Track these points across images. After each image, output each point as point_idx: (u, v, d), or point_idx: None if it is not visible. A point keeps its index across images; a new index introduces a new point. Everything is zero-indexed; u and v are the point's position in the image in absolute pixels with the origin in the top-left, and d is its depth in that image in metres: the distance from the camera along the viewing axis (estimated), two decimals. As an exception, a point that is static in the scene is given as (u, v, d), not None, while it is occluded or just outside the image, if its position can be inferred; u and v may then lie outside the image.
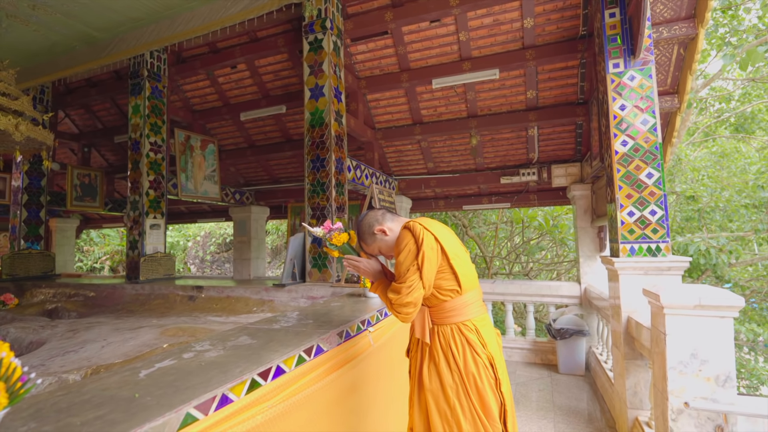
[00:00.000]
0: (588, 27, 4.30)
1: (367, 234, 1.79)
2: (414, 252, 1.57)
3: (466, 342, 1.58)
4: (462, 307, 1.62)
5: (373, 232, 1.78)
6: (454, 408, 1.52)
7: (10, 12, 4.15)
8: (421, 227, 1.60)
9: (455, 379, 1.55)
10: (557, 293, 5.21)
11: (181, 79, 6.09)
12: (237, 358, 1.50)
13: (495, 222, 10.53)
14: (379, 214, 1.81)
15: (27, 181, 5.64)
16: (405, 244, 1.60)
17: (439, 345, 1.61)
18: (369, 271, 1.83)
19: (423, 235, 1.58)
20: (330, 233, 1.94)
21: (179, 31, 4.37)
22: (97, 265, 14.52)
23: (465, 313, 1.62)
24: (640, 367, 3.02)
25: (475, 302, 1.67)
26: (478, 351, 1.56)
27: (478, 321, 1.63)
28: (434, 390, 1.57)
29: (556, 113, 5.15)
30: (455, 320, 1.61)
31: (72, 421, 0.99)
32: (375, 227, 1.78)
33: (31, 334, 2.78)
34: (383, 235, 1.77)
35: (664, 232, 2.99)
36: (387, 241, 1.77)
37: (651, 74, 3.13)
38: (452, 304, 1.62)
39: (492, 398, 1.53)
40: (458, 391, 1.54)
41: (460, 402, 1.53)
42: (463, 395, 1.53)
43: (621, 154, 3.12)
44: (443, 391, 1.56)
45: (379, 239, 1.78)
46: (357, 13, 4.66)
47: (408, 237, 1.60)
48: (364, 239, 1.81)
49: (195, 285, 4.07)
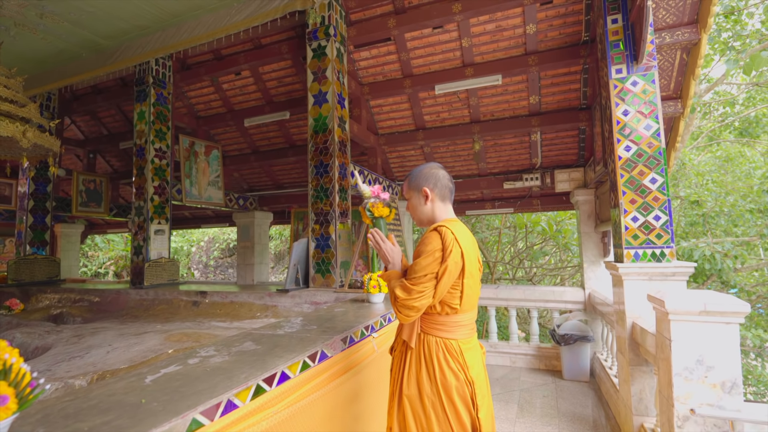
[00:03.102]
0: (590, 33, 4.32)
1: (414, 181, 1.71)
2: (438, 260, 1.51)
3: (449, 358, 1.55)
4: (453, 324, 1.59)
5: (419, 186, 1.69)
6: (429, 416, 1.52)
7: (19, 20, 4.22)
8: (453, 238, 1.52)
9: (433, 389, 1.53)
10: (561, 299, 5.19)
11: (186, 86, 6.14)
12: (242, 363, 1.50)
13: (498, 227, 10.52)
14: (440, 181, 1.69)
15: (33, 186, 5.69)
16: (431, 248, 1.52)
17: (423, 353, 1.59)
18: (388, 255, 1.73)
19: (453, 247, 1.51)
20: (375, 200, 1.82)
21: (184, 38, 4.42)
22: (102, 270, 14.58)
23: (453, 331, 1.58)
24: (645, 373, 3.00)
25: (468, 325, 1.63)
26: (456, 370, 1.53)
27: (464, 343, 1.59)
28: (411, 396, 1.57)
29: (558, 118, 5.16)
30: (441, 335, 1.58)
31: (80, 426, 0.99)
32: (424, 186, 1.68)
33: (37, 339, 2.79)
34: (422, 199, 1.69)
35: (668, 237, 2.98)
36: (418, 206, 1.70)
37: (654, 79, 3.13)
38: (444, 319, 1.59)
39: (466, 416, 1.51)
40: (434, 402, 1.53)
41: (435, 412, 1.52)
42: (438, 407, 1.52)
43: (624, 159, 3.12)
44: (420, 399, 1.55)
45: (416, 196, 1.71)
46: (360, 20, 4.70)
47: (436, 242, 1.53)
48: (410, 182, 1.73)
49: (199, 290, 4.09)
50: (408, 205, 1.75)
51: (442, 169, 1.73)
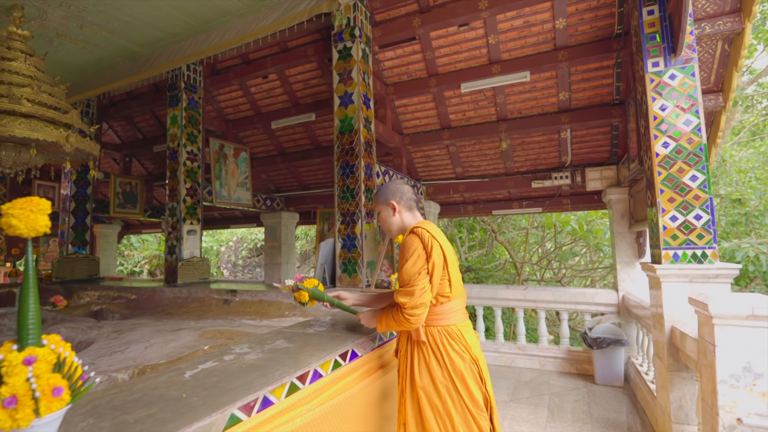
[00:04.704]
0: (624, 25, 4.17)
1: (382, 196, 1.91)
2: (424, 258, 1.67)
3: (453, 343, 1.70)
4: (449, 312, 1.74)
5: (387, 201, 1.89)
6: (446, 402, 1.64)
7: (61, 32, 4.45)
8: (430, 236, 1.70)
9: (445, 375, 1.67)
10: (593, 301, 5.03)
11: (216, 90, 6.32)
12: (275, 361, 1.53)
13: (525, 227, 10.30)
14: (405, 195, 1.90)
15: (74, 189, 5.98)
16: (414, 250, 1.68)
17: (429, 345, 1.72)
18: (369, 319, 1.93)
19: (432, 243, 1.68)
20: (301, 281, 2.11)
21: (214, 44, 4.54)
22: (137, 268, 15.19)
23: (451, 318, 1.74)
24: (685, 379, 2.87)
25: (460, 309, 1.79)
26: (461, 352, 1.69)
27: (462, 326, 1.75)
28: (426, 386, 1.68)
29: (590, 115, 5.01)
30: (442, 323, 1.73)
31: (126, 418, 1.03)
32: (391, 200, 1.88)
33: (80, 334, 2.93)
34: (390, 211, 1.89)
35: (710, 237, 2.84)
36: (387, 218, 1.90)
37: (694, 72, 2.99)
38: (441, 309, 1.73)
39: (478, 392, 1.67)
40: (448, 386, 1.66)
41: (450, 396, 1.64)
42: (453, 390, 1.65)
43: (662, 156, 2.99)
44: (435, 387, 1.67)
45: (384, 209, 1.90)
46: (385, 20, 4.70)
47: (417, 243, 1.69)
48: (378, 198, 1.93)
49: (229, 289, 4.19)
50: (378, 218, 1.97)
51: (406, 183, 1.94)
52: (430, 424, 1.64)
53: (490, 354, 5.26)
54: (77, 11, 4.06)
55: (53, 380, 0.87)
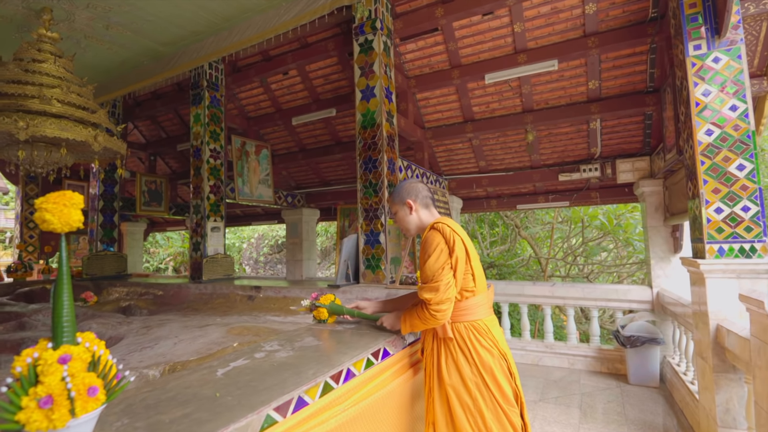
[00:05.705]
0: (659, 8, 3.95)
1: (398, 196, 1.91)
2: (447, 252, 1.66)
3: (480, 338, 1.67)
4: (475, 306, 1.71)
5: (403, 200, 1.88)
6: (476, 399, 1.61)
7: (88, 33, 4.53)
8: (451, 230, 1.69)
9: (474, 371, 1.64)
10: (626, 298, 4.83)
11: (237, 88, 6.35)
12: (307, 359, 1.48)
13: (550, 221, 10.04)
14: (421, 193, 1.89)
15: (102, 188, 6.12)
16: (436, 245, 1.67)
17: (456, 342, 1.69)
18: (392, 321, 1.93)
19: (454, 238, 1.67)
20: (316, 298, 2.11)
21: (236, 41, 4.55)
22: (162, 265, 15.56)
23: (477, 312, 1.71)
24: (732, 381, 2.70)
25: (486, 303, 1.76)
26: (489, 347, 1.66)
27: (488, 321, 1.73)
28: (455, 384, 1.65)
29: (621, 104, 4.80)
30: (468, 318, 1.70)
31: (161, 418, 1.00)
32: (407, 199, 1.88)
33: (111, 329, 2.97)
34: (407, 210, 1.88)
35: (760, 230, 2.66)
36: (405, 217, 1.88)
37: (740, 54, 2.80)
38: (466, 304, 1.71)
39: (509, 387, 1.64)
40: (477, 383, 1.63)
41: (480, 393, 1.61)
42: (483, 386, 1.62)
43: (705, 145, 2.82)
44: (464, 385, 1.64)
45: (401, 209, 1.89)
46: (406, 11, 4.61)
47: (438, 238, 1.68)
48: (394, 198, 1.93)
49: (252, 285, 4.20)
50: (395, 218, 1.95)
51: (420, 182, 1.95)
52: (461, 423, 1.60)
53: (517, 352, 5.14)
54: (103, 12, 4.12)
55: (88, 379, 0.84)
